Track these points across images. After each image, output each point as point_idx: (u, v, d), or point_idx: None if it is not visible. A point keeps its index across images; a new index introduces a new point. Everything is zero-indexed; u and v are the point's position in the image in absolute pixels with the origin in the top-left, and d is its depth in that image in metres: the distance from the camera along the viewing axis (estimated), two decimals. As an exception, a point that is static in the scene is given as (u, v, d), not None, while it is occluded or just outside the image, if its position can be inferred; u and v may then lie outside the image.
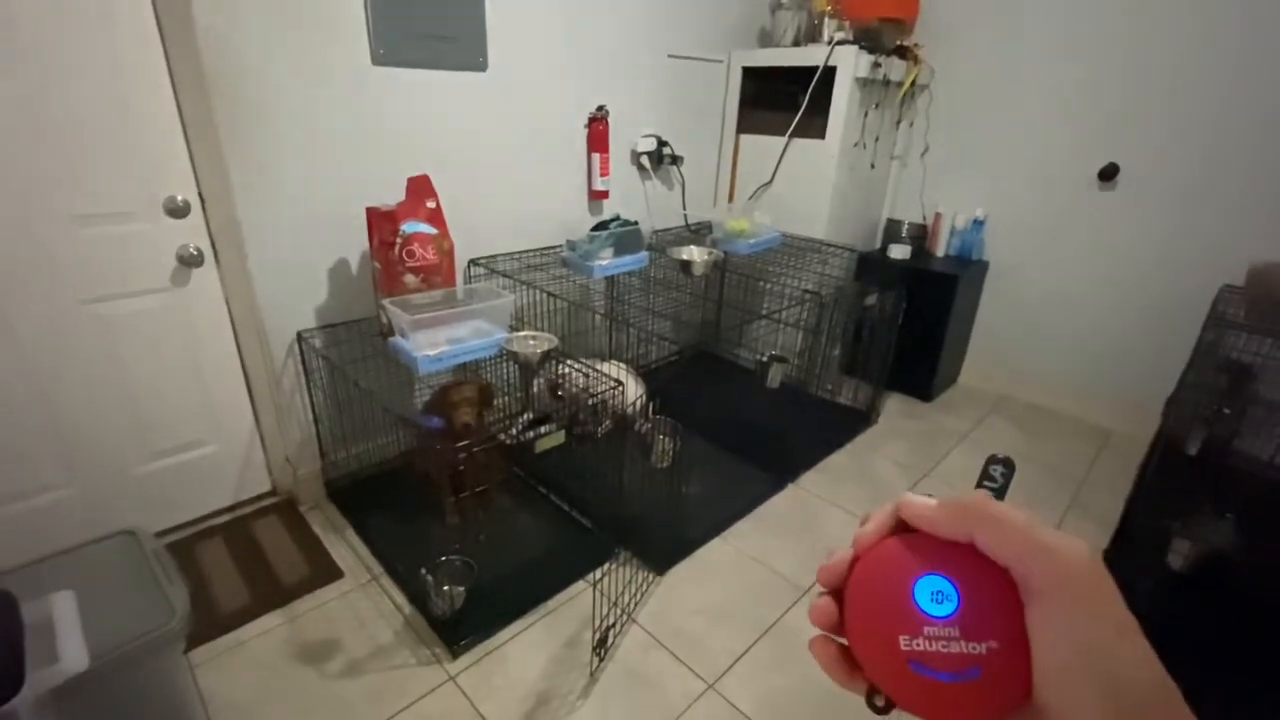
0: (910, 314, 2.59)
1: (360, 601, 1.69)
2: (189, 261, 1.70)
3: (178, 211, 1.65)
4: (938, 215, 2.94)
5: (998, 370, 3.03)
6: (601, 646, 1.53)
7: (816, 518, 2.10)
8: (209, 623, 1.58)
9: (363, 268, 1.98)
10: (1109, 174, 2.51)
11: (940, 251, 2.96)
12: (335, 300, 1.95)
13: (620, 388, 1.83)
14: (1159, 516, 1.44)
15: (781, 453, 2.33)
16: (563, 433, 1.63)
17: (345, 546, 1.88)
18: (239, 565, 1.78)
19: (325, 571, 1.78)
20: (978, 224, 2.87)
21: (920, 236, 3.03)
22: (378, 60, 1.81)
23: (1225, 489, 1.56)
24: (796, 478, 2.30)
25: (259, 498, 2.04)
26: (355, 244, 1.93)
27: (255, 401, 1.93)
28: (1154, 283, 2.53)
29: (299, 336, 1.90)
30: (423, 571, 1.57)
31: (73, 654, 0.85)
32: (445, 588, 1.57)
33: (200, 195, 1.68)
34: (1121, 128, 2.45)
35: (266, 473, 2.04)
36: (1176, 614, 1.44)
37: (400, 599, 1.70)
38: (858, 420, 2.70)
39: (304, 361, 1.94)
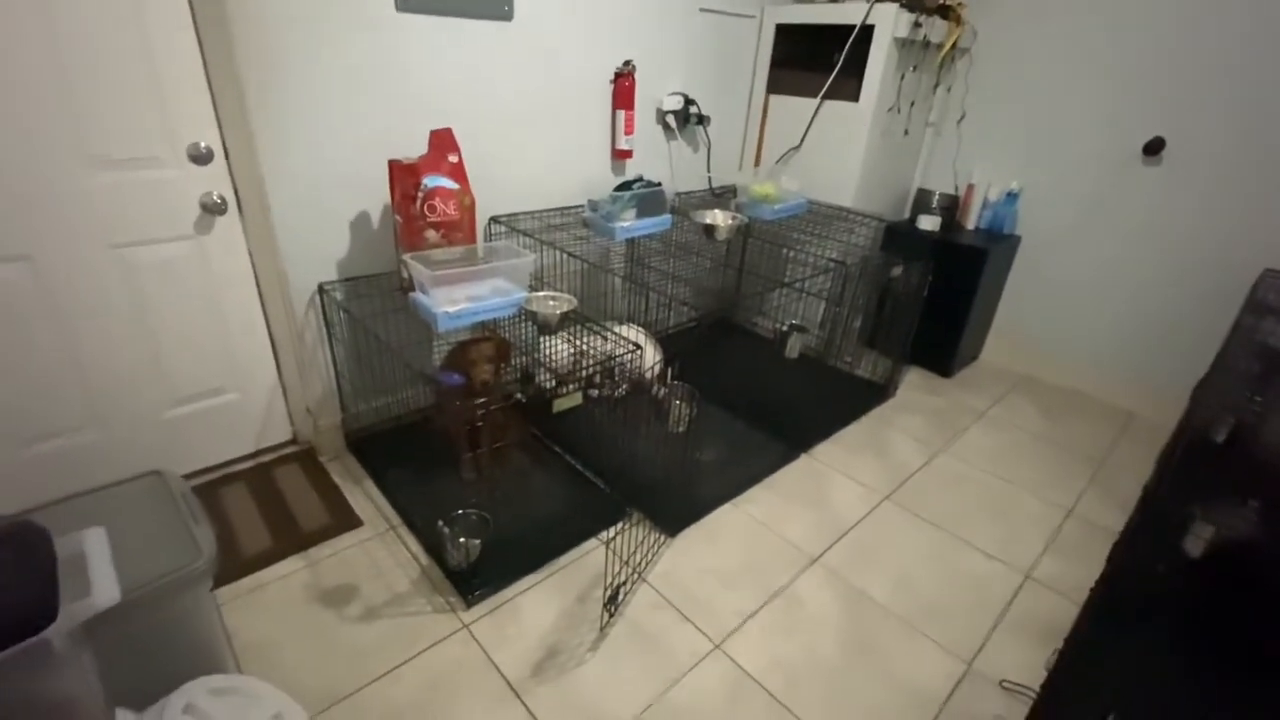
0: (935, 288, 2.54)
1: (378, 550, 1.73)
2: (213, 209, 1.70)
3: (201, 158, 1.64)
4: (970, 186, 2.85)
5: (1021, 348, 2.98)
6: (612, 603, 1.56)
7: (828, 488, 2.10)
8: (231, 564, 1.63)
9: (384, 221, 1.97)
10: (1154, 148, 2.40)
11: (970, 224, 2.88)
12: (356, 253, 1.95)
13: (639, 351, 1.82)
14: (1181, 501, 1.41)
15: (797, 423, 2.32)
16: (580, 394, 1.63)
17: (364, 497, 1.92)
18: (261, 510, 1.83)
19: (344, 520, 1.82)
20: (1011, 196, 2.78)
21: (951, 208, 2.95)
22: (402, 7, 1.76)
23: (1250, 477, 1.53)
24: (810, 448, 2.30)
25: (280, 446, 2.08)
26: (377, 197, 1.92)
27: (277, 352, 1.95)
28: (1193, 264, 2.44)
29: (320, 289, 1.91)
30: (439, 524, 1.60)
31: (105, 587, 0.87)
32: (461, 540, 1.60)
33: (223, 142, 1.66)
34: (1170, 100, 2.34)
35: (288, 422, 2.08)
36: (1192, 601, 1.43)
37: (417, 549, 1.74)
38: (876, 393, 2.68)
39: (325, 314, 1.95)
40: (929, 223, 2.84)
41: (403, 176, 1.74)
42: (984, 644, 1.58)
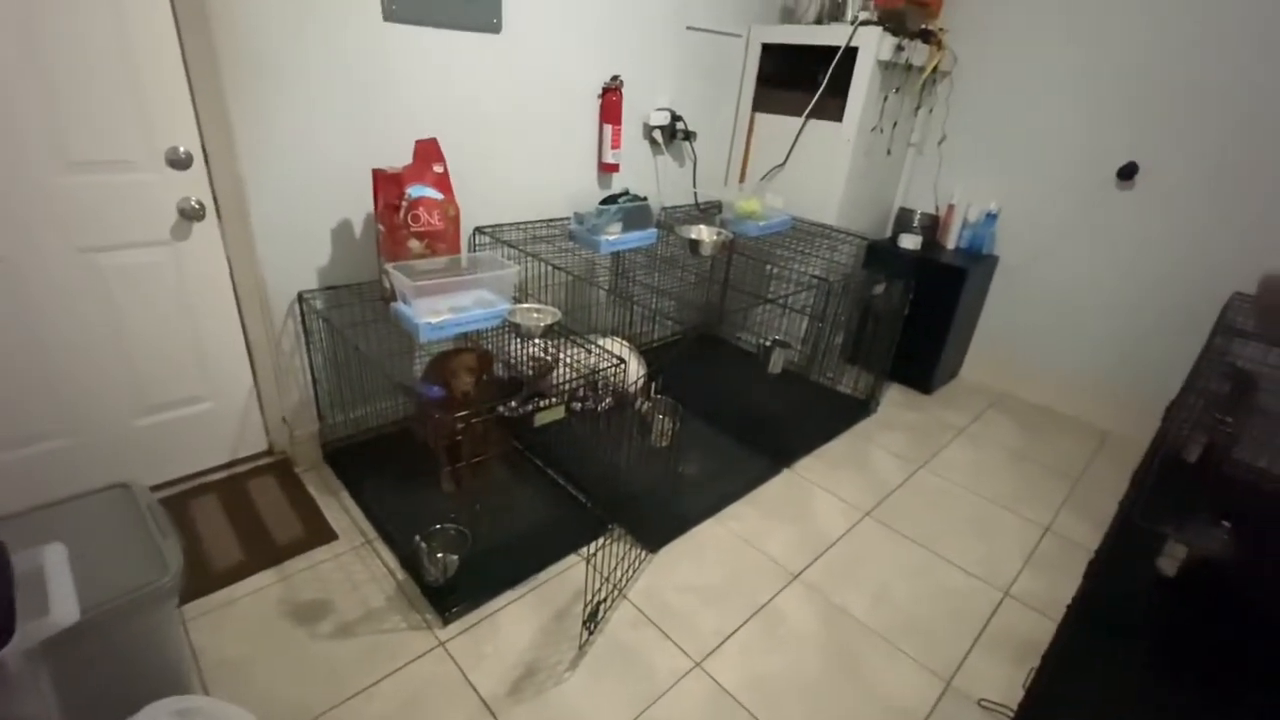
0: (916, 305, 2.57)
1: (353, 564, 1.70)
2: (190, 215, 1.67)
3: (180, 163, 1.62)
4: (950, 207, 2.90)
5: (1000, 366, 3.02)
6: (592, 620, 1.54)
7: (811, 504, 2.10)
8: (201, 578, 1.59)
9: (366, 230, 1.95)
10: (1128, 173, 2.47)
11: (950, 244, 2.93)
12: (338, 262, 1.93)
13: (623, 365, 1.81)
14: (1154, 520, 1.43)
15: (779, 438, 2.33)
16: (562, 407, 1.62)
17: (340, 509, 1.88)
18: (233, 522, 1.78)
19: (319, 533, 1.79)
20: (990, 217, 2.83)
21: (931, 227, 2.99)
22: (389, 16, 1.76)
23: (1222, 497, 1.56)
24: (793, 463, 2.30)
25: (255, 457, 2.04)
26: (360, 206, 1.90)
27: (254, 360, 1.92)
28: (1165, 287, 2.50)
29: (300, 297, 1.88)
30: (417, 538, 1.57)
31: (63, 606, 0.84)
32: (439, 555, 1.57)
33: (203, 147, 1.64)
34: (1143, 127, 2.41)
35: (263, 432, 2.03)
36: (1166, 619, 1.45)
37: (393, 563, 1.70)
38: (857, 409, 2.69)
39: (304, 323, 1.92)
40: (910, 242, 2.88)
41: (386, 185, 1.73)
42: (963, 661, 1.58)
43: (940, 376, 2.97)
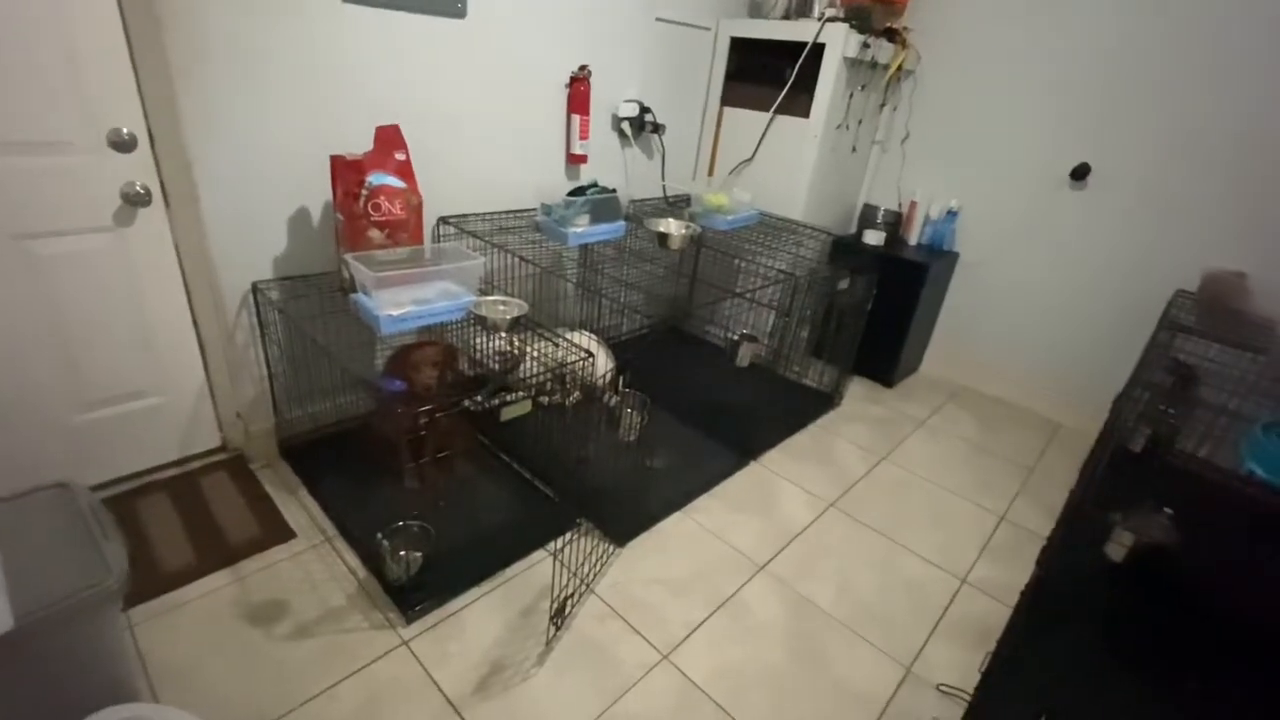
0: (879, 300, 2.62)
1: (312, 563, 1.65)
2: (135, 200, 1.58)
3: (123, 145, 1.53)
4: (913, 204, 2.96)
5: (958, 360, 3.10)
6: (559, 616, 1.52)
7: (776, 496, 2.13)
8: (150, 581, 1.52)
9: (324, 219, 1.89)
10: (1081, 174, 2.55)
11: (913, 240, 2.98)
12: (294, 252, 1.86)
13: (590, 359, 1.80)
14: (1105, 508, 1.49)
15: (745, 431, 2.34)
16: (529, 402, 1.59)
17: (298, 506, 1.83)
18: (184, 522, 1.71)
19: (276, 531, 1.73)
20: (951, 214, 2.90)
21: (894, 224, 3.05)
22: (348, -3, 1.70)
23: (1165, 486, 1.63)
24: (759, 456, 2.33)
25: (207, 453, 1.96)
26: (318, 193, 1.84)
27: (206, 353, 1.84)
28: (1114, 283, 2.60)
29: (254, 288, 1.81)
30: (379, 535, 1.54)
31: (-4, 612, 0.79)
32: (402, 552, 1.54)
33: (149, 129, 1.56)
34: (1096, 129, 2.49)
35: (216, 428, 1.96)
36: (1114, 604, 1.51)
37: (354, 562, 1.66)
38: (822, 402, 2.74)
39: (259, 314, 1.85)
40: (874, 237, 2.93)
41: (346, 173, 1.67)
42: (922, 648, 1.62)
43: (902, 370, 3.03)
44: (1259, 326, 2.05)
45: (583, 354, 1.70)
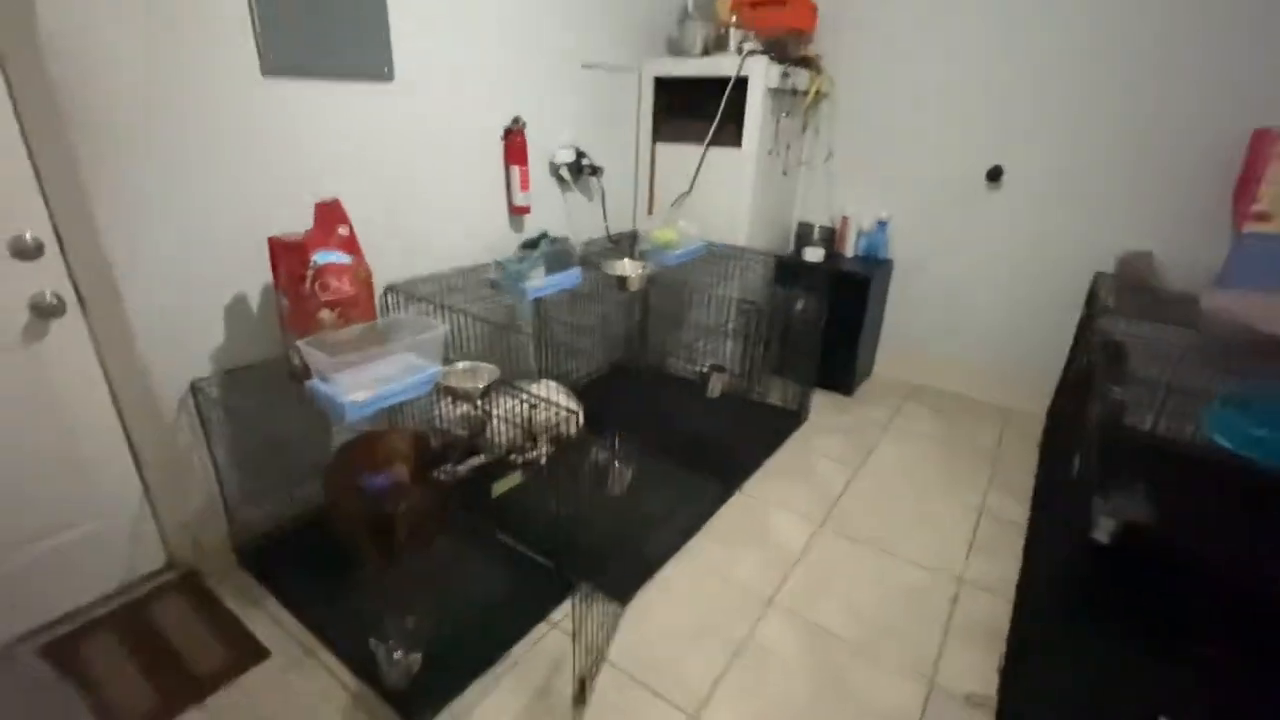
0: (829, 313, 2.69)
1: (296, 682, 1.49)
2: (46, 312, 1.43)
3: (28, 253, 1.38)
4: (845, 218, 3.08)
5: (908, 360, 3.22)
6: (582, 697, 1.44)
7: (767, 523, 2.12)
8: (107, 738, 1.33)
9: (265, 304, 1.76)
10: (995, 175, 2.73)
11: (849, 252, 3.10)
12: (234, 343, 1.72)
13: (562, 410, 1.74)
14: (1082, 492, 1.56)
15: (723, 460, 2.33)
16: (518, 474, 1.52)
17: (268, 620, 1.66)
18: (138, 659, 1.52)
19: (247, 652, 1.56)
20: (882, 225, 3.03)
21: (830, 239, 3.16)
22: (269, 70, 1.61)
23: (1129, 461, 1.72)
24: (742, 484, 2.31)
25: (154, 575, 1.76)
26: (255, 278, 1.72)
27: (142, 466, 1.67)
28: (1038, 272, 2.78)
29: (193, 387, 1.66)
30: (372, 641, 1.41)
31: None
32: (397, 655, 1.42)
33: (56, 232, 1.41)
34: (1005, 134, 2.68)
35: (161, 546, 1.77)
36: (1097, 582, 1.57)
37: (343, 673, 1.52)
38: (790, 419, 2.77)
39: (200, 415, 1.70)
40: (814, 254, 3.02)
41: (288, 254, 1.57)
42: (939, 657, 1.63)
43: (859, 377, 3.12)
44: (1176, 300, 2.23)
45: (566, 411, 1.65)
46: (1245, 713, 1.37)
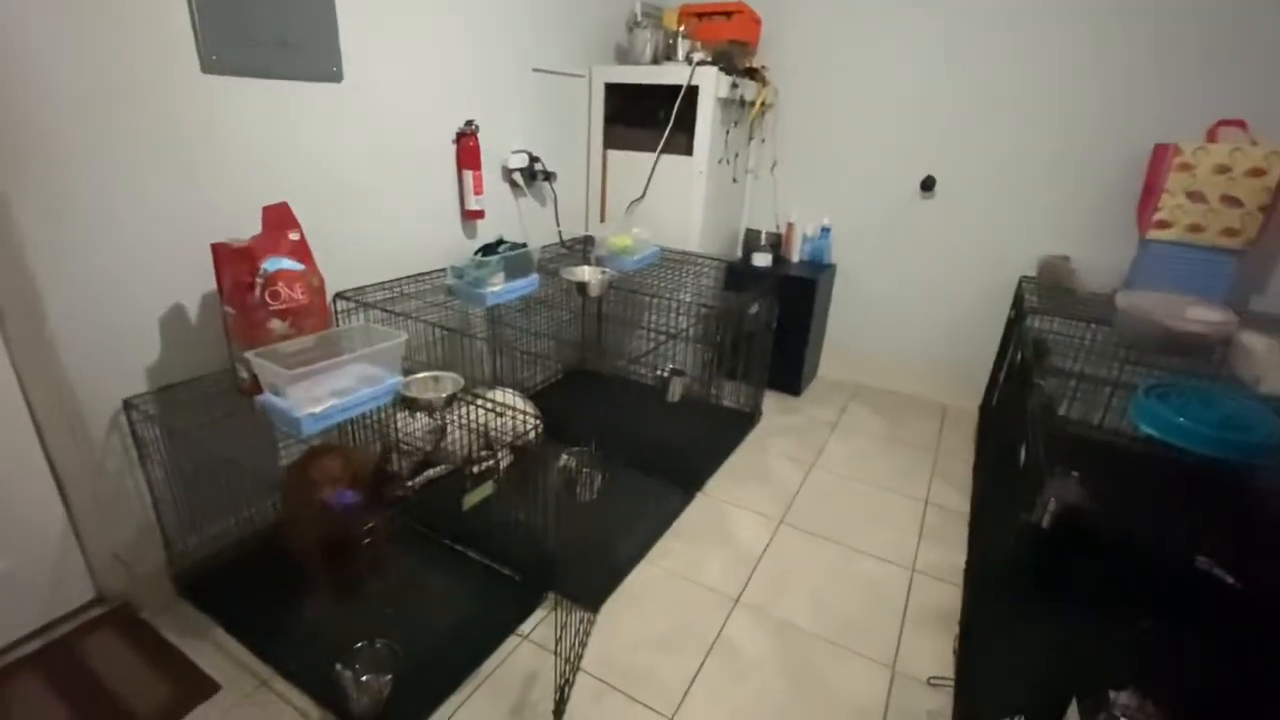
0: (779, 316, 2.77)
1: (251, 716, 1.41)
2: (-45, 326, 1.29)
3: (-68, 262, 1.25)
4: (790, 225, 3.18)
5: (850, 362, 3.36)
6: (561, 708, 1.42)
7: (730, 523, 2.16)
8: (38, 793, 1.22)
9: (205, 314, 1.65)
10: (928, 185, 2.89)
11: (795, 258, 3.20)
12: (171, 356, 1.61)
13: (521, 415, 1.72)
14: (1025, 480, 1.67)
15: (683, 463, 2.36)
16: (490, 484, 1.49)
17: (216, 651, 1.56)
18: (68, 702, 1.39)
19: (194, 687, 1.46)
20: (825, 231, 3.15)
21: (776, 245, 3.26)
22: (209, 68, 1.52)
23: (1062, 449, 1.87)
24: (703, 485, 2.35)
25: (82, 609, 1.62)
26: (194, 287, 1.61)
27: (66, 494, 1.53)
28: (969, 276, 2.96)
29: (127, 404, 1.54)
30: (338, 666, 1.35)
31: None
32: (365, 679, 1.36)
33: (-33, 239, 1.28)
34: (936, 146, 2.84)
35: (88, 578, 1.62)
36: (1043, 564, 1.69)
37: (303, 702, 1.44)
38: (744, 421, 2.83)
39: (135, 435, 1.57)
40: (762, 259, 3.11)
41: (234, 261, 1.48)
42: (899, 645, 1.71)
43: (806, 378, 3.22)
44: (1090, 300, 2.43)
45: (530, 417, 1.63)
46: (1182, 677, 1.50)
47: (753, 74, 2.84)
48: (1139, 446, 1.52)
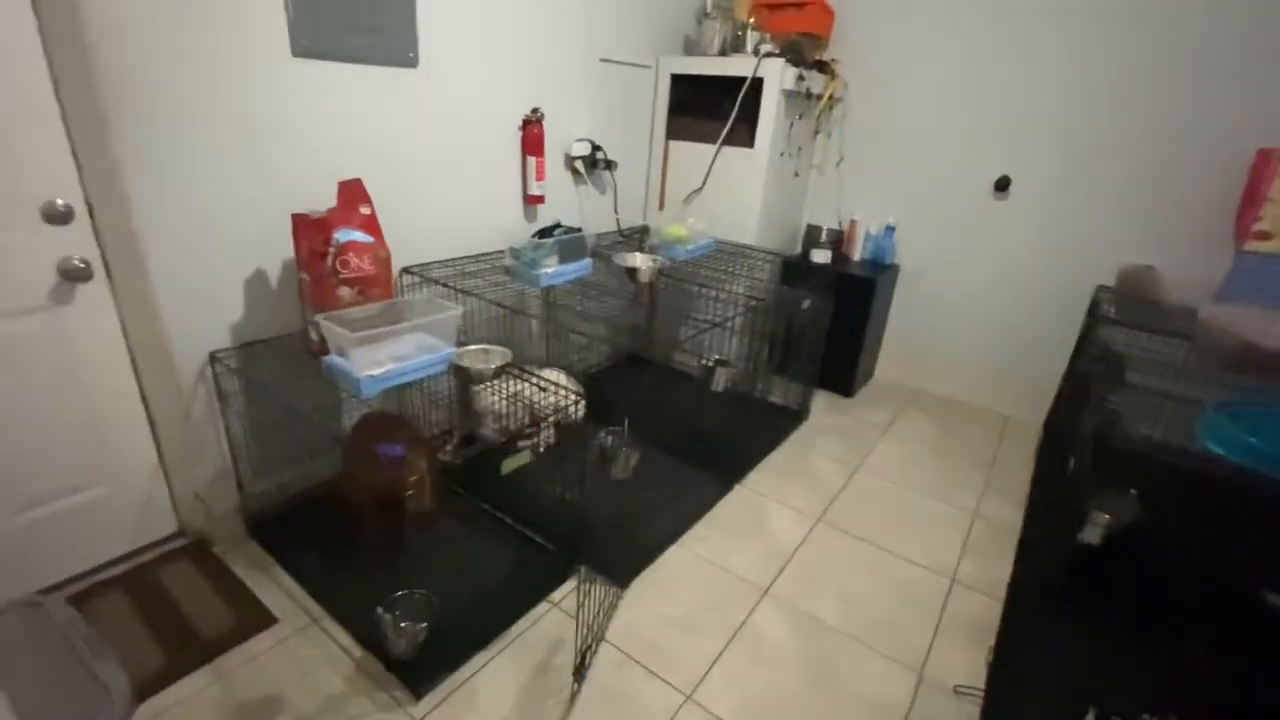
0: (833, 315, 2.73)
1: (301, 649, 1.53)
2: (74, 275, 1.46)
3: (58, 218, 1.42)
4: (854, 222, 3.12)
5: (909, 365, 3.26)
6: (580, 672, 1.48)
7: (766, 516, 2.15)
8: (119, 693, 1.37)
9: (284, 280, 1.80)
10: (1003, 185, 2.76)
11: (856, 256, 3.14)
12: (253, 316, 1.76)
13: (579, 400, 1.78)
14: (1075, 495, 1.60)
15: (726, 454, 2.37)
16: (527, 452, 1.56)
17: (276, 588, 1.70)
18: (147, 621, 1.56)
19: (255, 619, 1.60)
20: (889, 230, 3.07)
21: (837, 241, 3.20)
22: (299, 52, 1.65)
23: (1123, 468, 1.76)
24: (743, 478, 2.35)
25: (164, 540, 1.80)
26: (276, 254, 1.75)
27: (158, 434, 1.70)
28: (1040, 283, 2.81)
29: (212, 357, 1.69)
30: (379, 609, 1.45)
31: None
32: (404, 624, 1.46)
33: (87, 199, 1.45)
34: (1014, 145, 2.71)
35: (172, 513, 1.80)
36: (1091, 584, 1.61)
37: (347, 641, 1.55)
38: (790, 418, 2.80)
39: (218, 386, 1.73)
40: (821, 256, 3.06)
41: (310, 231, 1.60)
42: (929, 651, 1.67)
43: (859, 379, 3.16)
44: (1175, 313, 2.27)
45: (572, 393, 1.68)
46: (1224, 711, 1.41)
47: (822, 66, 2.79)
48: (1209, 468, 1.42)
